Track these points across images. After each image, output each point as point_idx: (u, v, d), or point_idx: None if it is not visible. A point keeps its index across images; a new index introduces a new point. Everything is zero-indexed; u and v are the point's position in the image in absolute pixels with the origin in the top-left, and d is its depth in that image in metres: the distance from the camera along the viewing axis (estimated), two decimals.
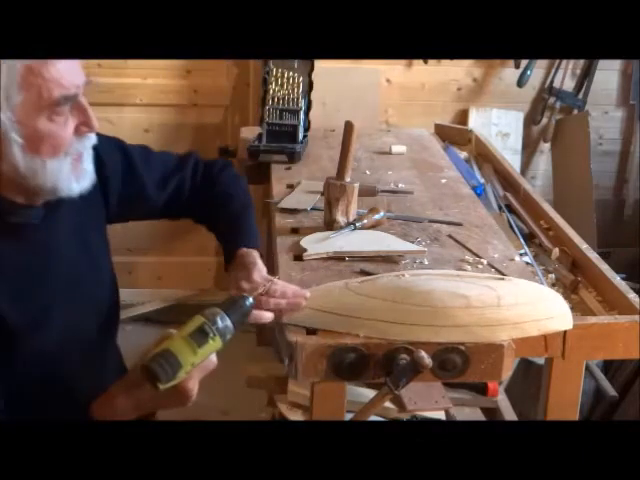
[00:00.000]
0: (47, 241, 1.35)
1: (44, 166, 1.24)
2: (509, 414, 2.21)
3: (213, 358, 1.21)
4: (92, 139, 1.31)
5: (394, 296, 1.35)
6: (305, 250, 1.63)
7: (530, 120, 3.34)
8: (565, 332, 1.44)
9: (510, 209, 2.16)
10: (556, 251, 1.85)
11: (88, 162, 1.31)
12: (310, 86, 2.42)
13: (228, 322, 1.18)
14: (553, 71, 3.29)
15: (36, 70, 1.20)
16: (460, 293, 1.35)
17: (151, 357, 1.13)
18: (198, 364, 1.16)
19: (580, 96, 3.30)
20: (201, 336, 1.15)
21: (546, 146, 3.41)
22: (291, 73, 2.39)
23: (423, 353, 1.25)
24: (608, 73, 3.32)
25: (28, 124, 1.21)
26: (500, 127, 3.30)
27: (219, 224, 1.63)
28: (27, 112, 1.21)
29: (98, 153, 1.38)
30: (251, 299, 1.23)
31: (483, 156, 2.58)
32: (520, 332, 1.33)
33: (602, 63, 3.26)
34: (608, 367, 2.71)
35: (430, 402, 1.98)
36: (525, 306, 1.35)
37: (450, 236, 1.77)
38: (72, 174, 1.28)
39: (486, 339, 1.31)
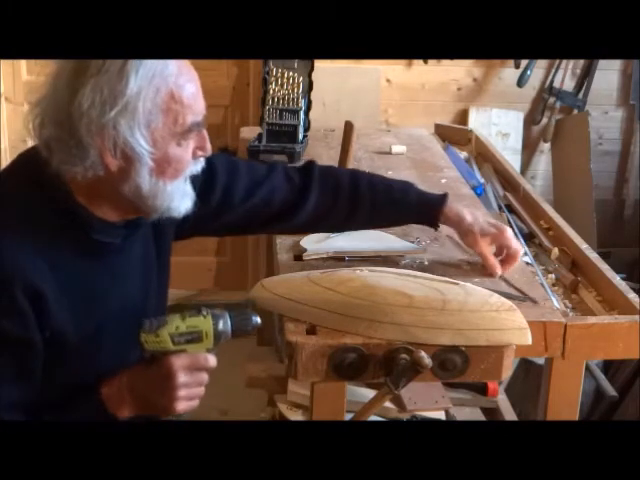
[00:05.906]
0: (120, 262, 1.33)
1: (165, 189, 1.25)
2: (509, 414, 2.21)
3: (211, 357, 1.23)
4: (202, 162, 1.32)
5: (344, 289, 1.36)
6: (305, 250, 1.63)
7: (530, 120, 3.35)
8: (565, 332, 1.44)
9: (510, 209, 2.16)
10: (556, 251, 1.85)
11: (189, 183, 1.31)
12: (310, 86, 2.42)
13: (228, 320, 1.21)
14: (553, 71, 3.29)
15: (177, 96, 1.22)
16: (404, 292, 1.34)
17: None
18: (185, 335, 1.21)
19: (580, 96, 3.30)
20: (195, 311, 1.22)
21: (546, 146, 3.41)
22: (291, 73, 2.39)
23: (423, 353, 1.25)
24: (608, 73, 3.32)
25: (161, 149, 1.22)
26: (500, 127, 3.30)
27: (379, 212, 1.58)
28: (163, 137, 1.22)
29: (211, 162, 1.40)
30: (258, 319, 1.24)
31: (483, 156, 2.58)
32: (465, 339, 1.30)
33: (602, 63, 3.26)
34: (608, 367, 2.71)
35: (430, 402, 1.98)
36: (471, 314, 1.31)
37: (450, 236, 1.77)
38: (184, 195, 1.29)
39: (424, 341, 1.29)
